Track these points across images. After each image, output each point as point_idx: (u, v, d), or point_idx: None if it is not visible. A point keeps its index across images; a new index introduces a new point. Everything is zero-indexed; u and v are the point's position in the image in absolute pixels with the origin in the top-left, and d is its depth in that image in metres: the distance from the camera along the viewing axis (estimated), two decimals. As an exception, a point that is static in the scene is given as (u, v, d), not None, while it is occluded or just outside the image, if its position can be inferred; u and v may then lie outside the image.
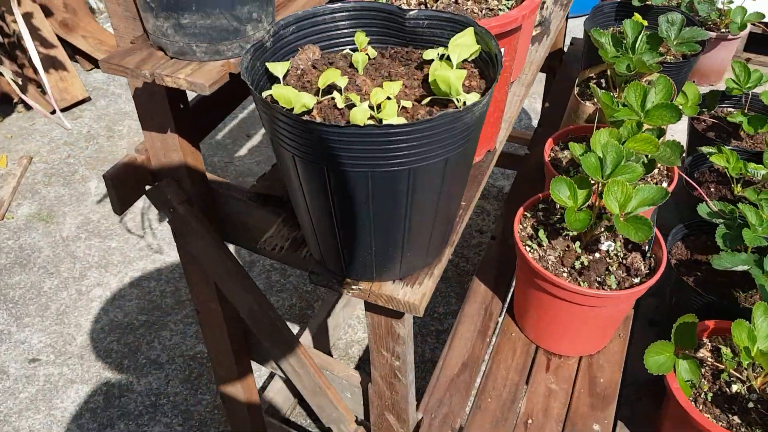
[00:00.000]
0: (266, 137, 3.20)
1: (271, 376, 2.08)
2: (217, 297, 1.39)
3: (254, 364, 1.93)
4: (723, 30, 2.99)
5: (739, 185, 1.76)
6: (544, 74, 2.56)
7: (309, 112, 0.87)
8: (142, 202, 2.75)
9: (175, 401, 2.03)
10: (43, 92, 3.40)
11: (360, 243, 0.93)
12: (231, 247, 2.21)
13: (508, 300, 1.55)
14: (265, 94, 0.86)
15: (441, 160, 0.83)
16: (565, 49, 2.44)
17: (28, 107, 3.42)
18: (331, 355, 2.20)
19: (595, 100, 1.73)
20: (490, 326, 1.48)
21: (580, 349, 1.42)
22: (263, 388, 2.07)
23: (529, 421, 1.29)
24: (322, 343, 2.09)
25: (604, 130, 1.33)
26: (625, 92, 1.41)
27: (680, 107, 1.39)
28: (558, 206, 1.44)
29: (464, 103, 0.85)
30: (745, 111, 1.96)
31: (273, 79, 0.92)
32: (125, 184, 1.18)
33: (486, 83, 0.90)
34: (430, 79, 0.87)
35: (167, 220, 1.23)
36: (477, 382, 1.40)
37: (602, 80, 1.77)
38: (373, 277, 1.01)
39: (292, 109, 0.85)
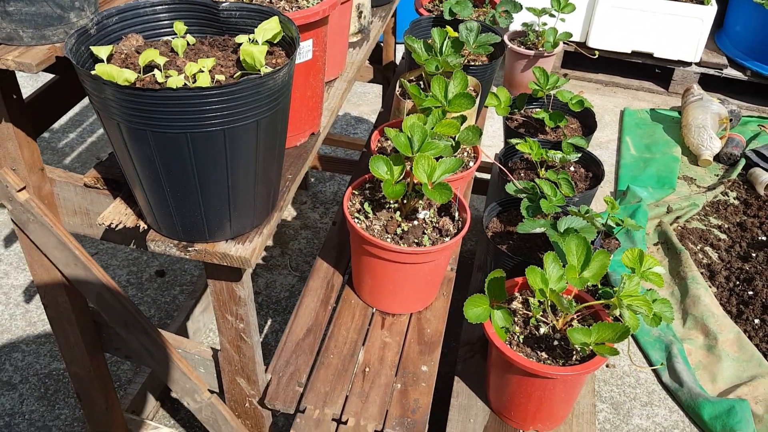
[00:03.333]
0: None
1: (129, 382, 2.09)
2: (65, 289, 1.43)
3: (113, 372, 1.93)
4: (540, 48, 3.44)
5: (543, 169, 2.07)
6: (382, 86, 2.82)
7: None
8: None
9: (31, 419, 1.98)
10: None
11: (190, 205, 1.06)
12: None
13: (347, 274, 1.72)
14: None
15: (252, 122, 0.98)
16: (397, 62, 2.72)
17: None
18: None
19: (414, 96, 1.97)
20: (332, 296, 1.64)
21: (410, 307, 1.61)
22: (124, 392, 2.08)
23: (367, 369, 1.46)
24: (183, 346, 2.13)
25: (413, 115, 1.55)
26: (431, 85, 1.65)
27: (474, 96, 1.65)
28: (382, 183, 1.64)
29: (269, 75, 1.01)
30: (548, 109, 2.31)
31: (98, 62, 1.03)
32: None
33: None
34: (240, 58, 1.03)
35: (12, 236, 1.27)
36: (321, 344, 1.54)
37: (420, 81, 2.02)
38: (207, 238, 1.13)
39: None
